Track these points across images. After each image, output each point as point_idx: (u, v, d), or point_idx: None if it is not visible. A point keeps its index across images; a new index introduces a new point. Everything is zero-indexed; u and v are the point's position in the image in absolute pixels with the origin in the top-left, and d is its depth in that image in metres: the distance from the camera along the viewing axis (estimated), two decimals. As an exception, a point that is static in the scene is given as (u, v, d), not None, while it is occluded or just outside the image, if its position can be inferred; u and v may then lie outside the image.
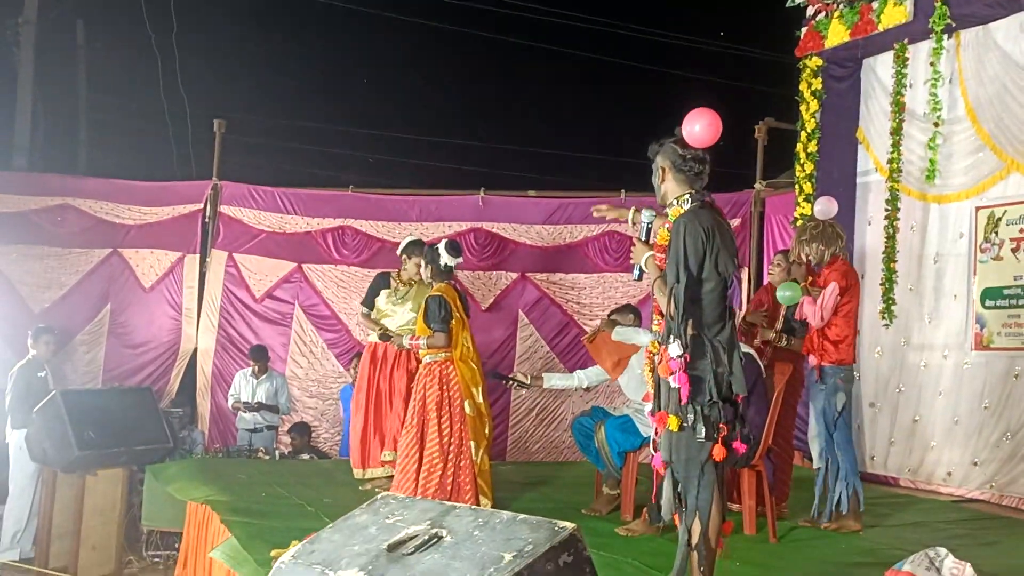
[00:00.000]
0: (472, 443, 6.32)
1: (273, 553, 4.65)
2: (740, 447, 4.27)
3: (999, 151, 7.71)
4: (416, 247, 7.42)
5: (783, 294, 6.23)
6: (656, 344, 4.47)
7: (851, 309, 6.20)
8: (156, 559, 8.04)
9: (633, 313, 6.97)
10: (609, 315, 7.10)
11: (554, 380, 7.30)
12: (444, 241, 6.73)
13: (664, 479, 4.34)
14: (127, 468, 7.93)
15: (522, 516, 2.53)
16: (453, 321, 6.41)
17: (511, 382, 7.12)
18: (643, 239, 4.58)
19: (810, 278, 6.31)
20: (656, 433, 4.43)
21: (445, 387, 6.36)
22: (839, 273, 6.15)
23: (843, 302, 6.11)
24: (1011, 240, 7.66)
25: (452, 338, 6.40)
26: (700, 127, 4.29)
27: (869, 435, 8.41)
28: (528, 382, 7.07)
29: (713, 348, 4.18)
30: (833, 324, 6.11)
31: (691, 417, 4.13)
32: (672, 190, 4.40)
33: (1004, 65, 7.70)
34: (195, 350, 10.92)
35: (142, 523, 7.94)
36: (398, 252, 7.67)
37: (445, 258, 6.59)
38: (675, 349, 4.13)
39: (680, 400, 4.14)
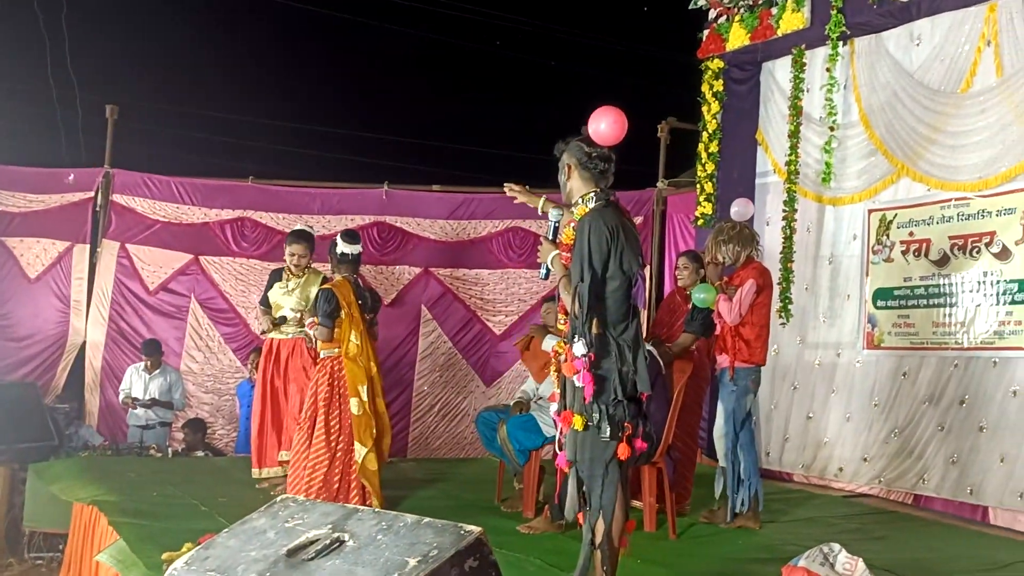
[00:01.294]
0: (356, 443, 6.21)
1: (164, 556, 4.52)
2: (641, 445, 4.28)
3: (890, 156, 7.91)
4: (295, 237, 7.36)
5: (699, 296, 6.28)
6: (562, 344, 4.45)
7: (765, 309, 6.31)
8: (38, 561, 7.75)
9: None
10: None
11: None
12: (342, 232, 6.68)
13: (568, 478, 4.33)
14: (8, 466, 7.64)
15: (427, 519, 2.48)
16: (341, 316, 6.31)
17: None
18: (550, 238, 4.55)
19: (725, 278, 6.39)
20: (561, 432, 4.41)
21: (335, 385, 6.28)
22: (756, 272, 6.25)
23: (758, 301, 6.20)
24: (901, 243, 7.87)
25: (340, 333, 6.31)
26: (606, 125, 4.30)
27: (765, 432, 8.56)
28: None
29: (618, 347, 4.18)
30: (747, 323, 6.19)
31: (596, 416, 4.13)
32: (578, 188, 4.40)
33: (895, 73, 7.91)
34: (84, 344, 10.56)
35: (24, 524, 7.65)
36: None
37: (341, 247, 6.52)
38: (579, 348, 4.12)
39: (584, 399, 4.14)
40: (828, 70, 8.31)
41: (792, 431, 8.59)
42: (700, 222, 9.41)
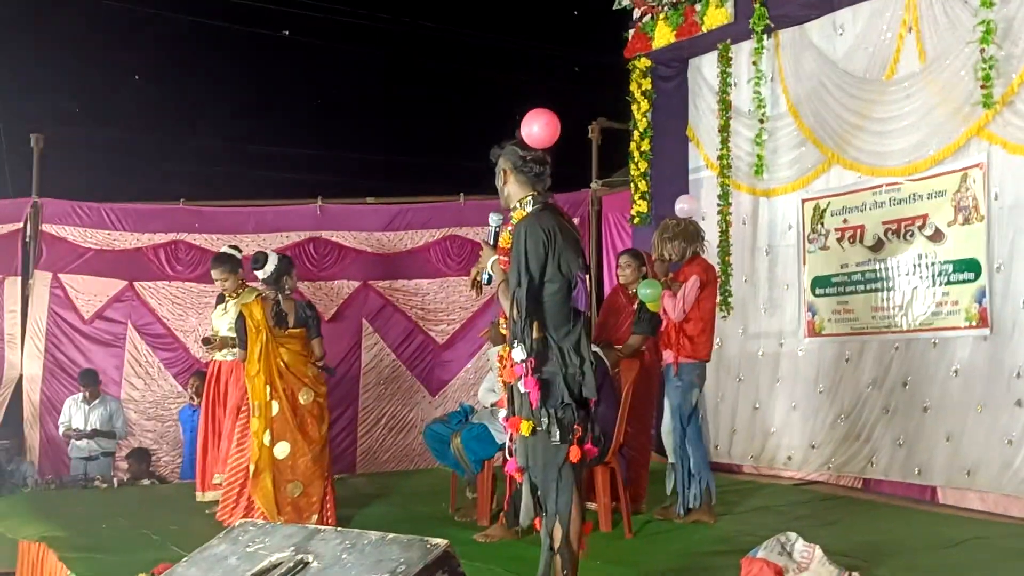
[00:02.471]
0: (250, 467, 6.29)
1: (119, 589, 4.43)
2: (592, 450, 4.27)
3: (820, 145, 8.03)
4: (213, 262, 7.36)
5: (644, 292, 6.30)
6: (506, 348, 4.43)
7: (709, 305, 6.36)
8: (-14, 602, 7.55)
9: None
10: None
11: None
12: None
13: (522, 484, 4.31)
14: (-50, 508, 7.42)
15: (392, 535, 2.45)
16: (248, 336, 6.36)
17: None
18: (490, 243, 4.53)
19: (670, 275, 6.42)
20: (511, 439, 4.38)
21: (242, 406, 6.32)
22: (700, 268, 6.30)
23: (702, 297, 6.25)
24: (836, 230, 7.98)
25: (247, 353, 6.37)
26: (538, 127, 4.30)
27: (712, 425, 8.62)
28: None
29: (561, 351, 4.16)
30: (691, 319, 6.24)
31: (544, 421, 4.09)
32: (515, 192, 4.39)
33: (819, 63, 8.03)
34: (20, 377, 10.34)
35: (-32, 565, 7.43)
36: None
37: (255, 271, 6.53)
38: (518, 354, 4.11)
39: (531, 405, 4.11)
40: (754, 63, 8.41)
41: (739, 423, 8.67)
42: (636, 220, 9.48)
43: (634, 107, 9.49)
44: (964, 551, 5.50)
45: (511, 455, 4.42)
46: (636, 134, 9.46)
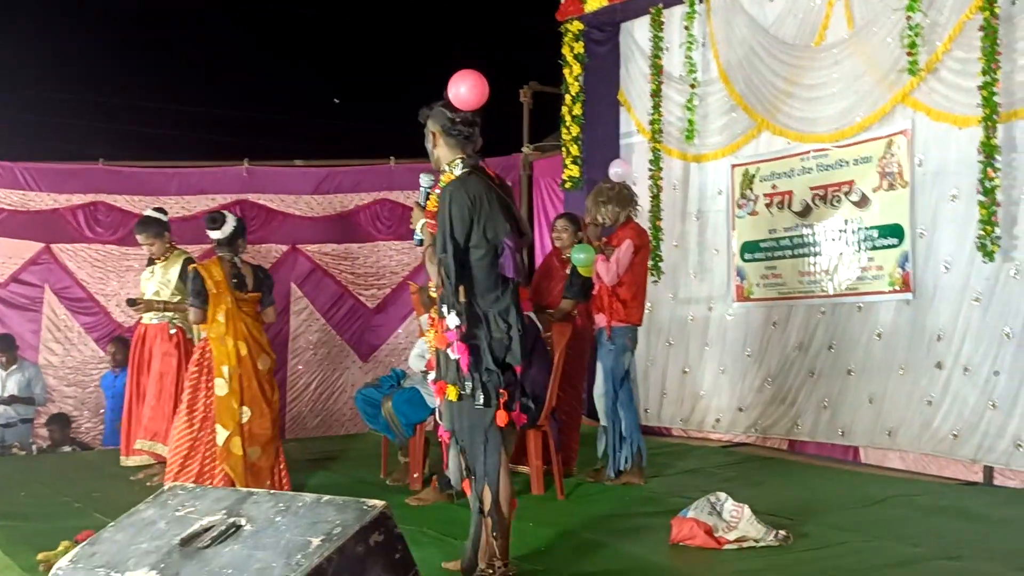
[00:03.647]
0: (218, 425, 6.00)
1: (40, 557, 4.34)
2: (520, 417, 4.31)
3: (750, 111, 8.08)
4: (136, 227, 7.22)
5: (578, 256, 6.28)
6: (436, 311, 4.37)
7: (642, 269, 6.39)
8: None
9: None
10: None
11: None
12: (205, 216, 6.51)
13: (450, 448, 4.32)
14: None
15: (327, 497, 2.41)
16: (209, 295, 6.13)
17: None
18: (421, 204, 4.47)
19: (604, 239, 6.41)
20: (440, 402, 4.37)
21: (201, 365, 6.12)
22: (634, 232, 6.31)
23: (635, 261, 6.27)
24: (765, 196, 8.06)
25: (206, 313, 6.14)
26: (465, 89, 4.22)
27: (643, 388, 8.68)
28: None
29: (487, 317, 4.16)
30: (624, 283, 6.25)
31: (469, 385, 4.11)
32: (444, 155, 4.32)
33: (751, 29, 8.07)
34: (-67, 342, 10.00)
35: None
36: None
37: (208, 232, 6.32)
38: (452, 320, 4.11)
39: (460, 370, 4.12)
40: (686, 28, 8.44)
41: (669, 386, 8.75)
42: (568, 185, 9.45)
43: (566, 71, 9.44)
44: (886, 508, 5.65)
45: (440, 419, 4.42)
46: (568, 98, 9.42)
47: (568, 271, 6.62)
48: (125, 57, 14.52)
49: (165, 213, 7.30)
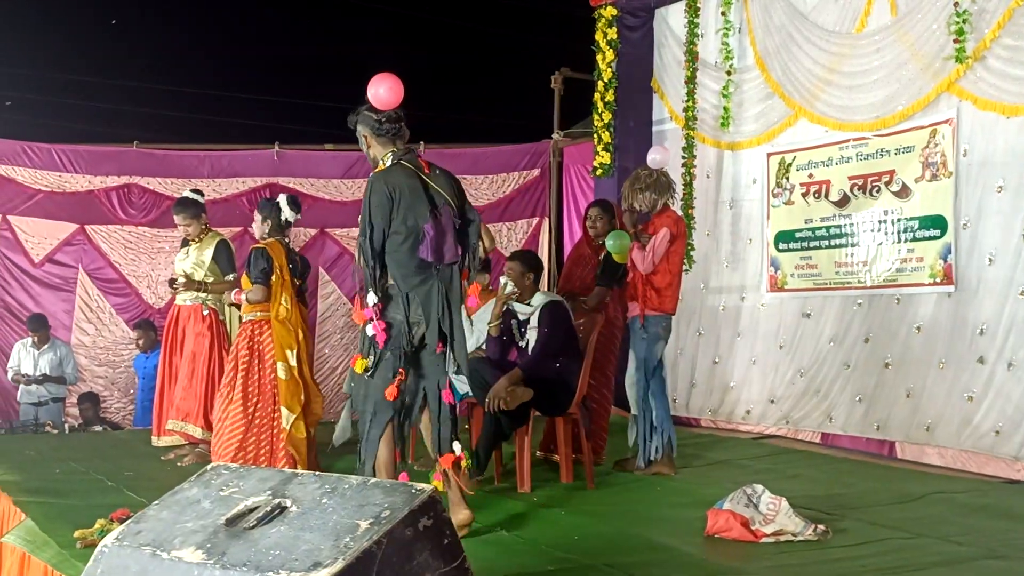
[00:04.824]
0: (284, 408, 6.05)
1: (77, 534, 4.33)
2: (448, 397, 4.63)
3: (787, 98, 7.99)
4: (175, 207, 7.19)
5: (612, 243, 6.22)
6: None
7: (678, 258, 6.30)
8: (-67, 548, 7.39)
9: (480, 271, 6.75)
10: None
11: None
12: (286, 196, 6.52)
13: (344, 408, 4.92)
14: None
15: (374, 480, 2.38)
16: (273, 277, 6.12)
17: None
18: None
19: (639, 226, 6.34)
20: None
21: (256, 347, 6.09)
22: (671, 220, 6.23)
23: (671, 250, 6.19)
24: (801, 185, 7.97)
25: (271, 294, 6.12)
26: (384, 91, 4.55)
27: (671, 379, 8.57)
28: None
29: (406, 298, 4.48)
30: (659, 271, 6.17)
31: (371, 359, 4.49)
32: (378, 152, 4.65)
33: (789, 15, 7.97)
34: (-33, 321, 10.10)
35: (-84, 511, 7.27)
36: None
37: (287, 213, 6.35)
38: (370, 298, 4.48)
39: (374, 345, 4.49)
40: (723, 14, 8.36)
41: (698, 377, 8.69)
42: (599, 172, 9.38)
43: (599, 57, 9.36)
44: (925, 505, 5.55)
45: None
46: (600, 84, 9.34)
47: (600, 258, 6.56)
48: (159, 42, 14.57)
49: (202, 195, 7.30)
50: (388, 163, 4.57)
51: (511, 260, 6.11)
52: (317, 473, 2.46)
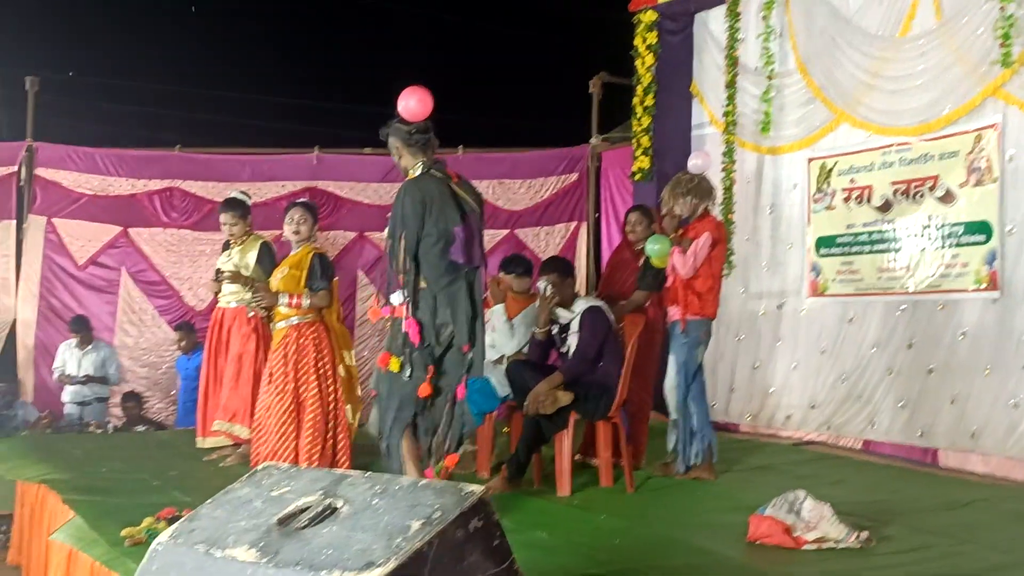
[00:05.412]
0: (348, 406, 6.21)
1: (125, 532, 4.38)
2: (461, 391, 4.80)
3: (829, 103, 7.95)
4: (222, 206, 7.17)
5: (652, 247, 6.20)
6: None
7: (719, 263, 6.27)
8: (-19, 544, 7.51)
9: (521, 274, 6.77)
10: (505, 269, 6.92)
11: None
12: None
13: (374, 404, 4.99)
14: (-55, 450, 7.35)
15: (424, 481, 2.40)
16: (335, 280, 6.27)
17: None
18: None
19: (680, 231, 6.33)
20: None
21: (320, 349, 6.16)
22: (713, 225, 6.21)
23: (712, 255, 6.16)
24: (843, 190, 7.92)
25: (333, 297, 6.25)
26: (413, 103, 4.75)
27: (710, 383, 8.53)
28: None
29: (435, 299, 4.69)
30: (700, 276, 6.15)
31: (401, 358, 4.69)
32: (409, 162, 4.86)
33: (832, 19, 7.93)
34: (14, 322, 10.26)
35: (-35, 507, 7.38)
36: None
37: (311, 223, 6.41)
38: (395, 297, 4.71)
39: (406, 343, 4.66)
40: (764, 18, 8.33)
41: (738, 381, 8.65)
42: (637, 177, 9.38)
43: (638, 62, 9.36)
44: (970, 513, 5.49)
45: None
46: (639, 89, 9.33)
47: (640, 263, 6.55)
48: (201, 48, 14.70)
49: (249, 197, 7.36)
50: (418, 172, 4.79)
51: (548, 270, 6.09)
52: (368, 474, 2.49)
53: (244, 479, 2.61)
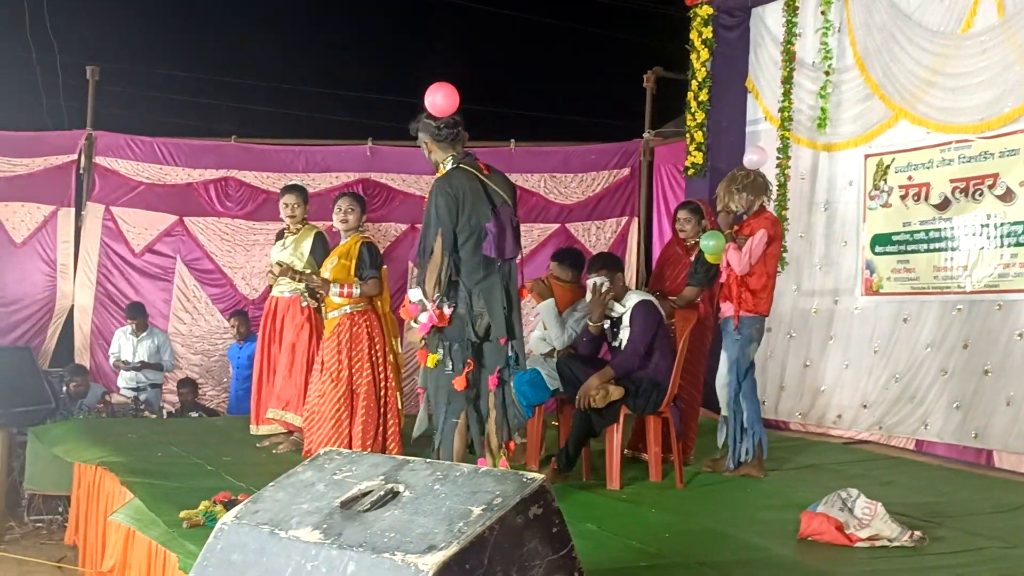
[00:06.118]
0: (397, 393, 6.30)
1: (183, 514, 4.45)
2: (493, 381, 4.78)
3: (887, 99, 7.87)
4: (287, 188, 7.22)
5: (707, 243, 6.17)
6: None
7: (774, 260, 6.23)
8: (39, 524, 7.66)
9: (572, 267, 6.75)
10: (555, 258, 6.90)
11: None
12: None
13: (422, 401, 5.02)
14: (6, 430, 7.50)
15: (484, 468, 2.43)
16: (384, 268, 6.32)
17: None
18: None
19: (735, 227, 6.30)
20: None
21: (371, 337, 6.23)
22: (769, 222, 6.17)
23: (767, 252, 6.13)
24: (900, 187, 7.84)
25: (382, 285, 6.29)
26: (439, 98, 4.76)
27: (760, 381, 8.52)
28: None
29: (469, 294, 4.70)
30: (754, 273, 6.12)
31: (442, 353, 4.71)
32: (438, 157, 4.87)
33: (891, 15, 7.86)
34: (72, 307, 10.46)
35: (24, 487, 7.54)
36: None
37: (359, 213, 6.51)
38: (415, 294, 4.73)
39: (440, 339, 4.69)
40: (823, 13, 8.28)
41: (788, 380, 8.60)
42: (691, 172, 9.35)
43: (693, 56, 9.32)
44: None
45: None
46: (694, 84, 9.30)
47: (691, 258, 6.53)
48: (258, 41, 14.87)
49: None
50: (448, 167, 4.80)
51: (599, 265, 6.08)
52: (428, 460, 2.52)
53: (306, 463, 2.65)
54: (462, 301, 4.70)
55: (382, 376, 6.25)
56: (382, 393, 6.23)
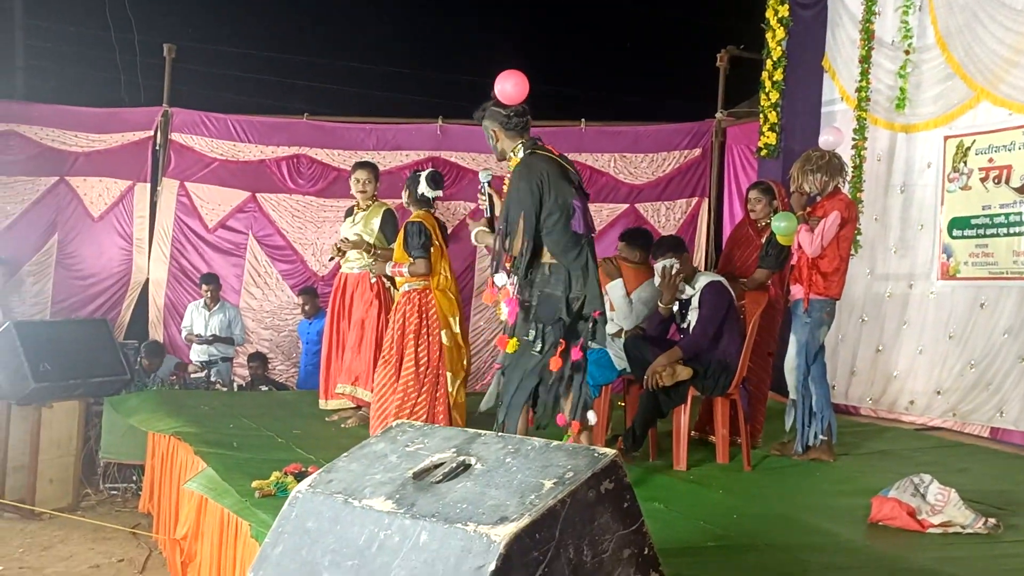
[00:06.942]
0: (449, 374, 6.23)
1: (254, 484, 4.53)
2: (577, 353, 4.71)
3: (969, 80, 7.68)
4: (359, 164, 7.36)
5: (779, 224, 6.09)
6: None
7: (847, 243, 6.13)
8: (114, 491, 7.87)
9: (641, 247, 6.69)
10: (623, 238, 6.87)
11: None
12: (428, 171, 6.68)
13: (495, 375, 4.94)
14: (83, 400, 7.71)
15: (556, 443, 2.43)
16: (433, 248, 6.28)
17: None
18: (483, 200, 5.07)
19: (808, 208, 6.21)
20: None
21: (424, 316, 6.24)
22: (843, 204, 6.07)
23: (841, 234, 6.03)
24: (980, 170, 7.66)
25: (432, 265, 6.27)
26: (510, 86, 4.73)
27: (831, 365, 8.40)
28: None
29: (568, 273, 4.66)
30: (826, 255, 6.02)
31: (532, 333, 4.65)
32: (507, 145, 4.85)
33: (974, -7, 7.65)
34: (147, 281, 10.67)
35: (100, 455, 7.75)
36: None
37: (423, 188, 6.52)
38: (500, 279, 4.72)
39: (529, 320, 4.65)
40: (904, -9, 8.07)
41: (860, 364, 8.47)
42: (764, 152, 9.21)
43: (768, 35, 9.16)
44: (1105, 507, 5.29)
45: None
46: (769, 63, 9.14)
47: (762, 240, 6.45)
48: (329, 20, 14.97)
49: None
50: (520, 154, 4.77)
51: (666, 248, 6.04)
52: (499, 434, 2.53)
53: (379, 435, 2.68)
54: (559, 282, 4.66)
55: (431, 358, 6.23)
56: (425, 372, 6.20)
